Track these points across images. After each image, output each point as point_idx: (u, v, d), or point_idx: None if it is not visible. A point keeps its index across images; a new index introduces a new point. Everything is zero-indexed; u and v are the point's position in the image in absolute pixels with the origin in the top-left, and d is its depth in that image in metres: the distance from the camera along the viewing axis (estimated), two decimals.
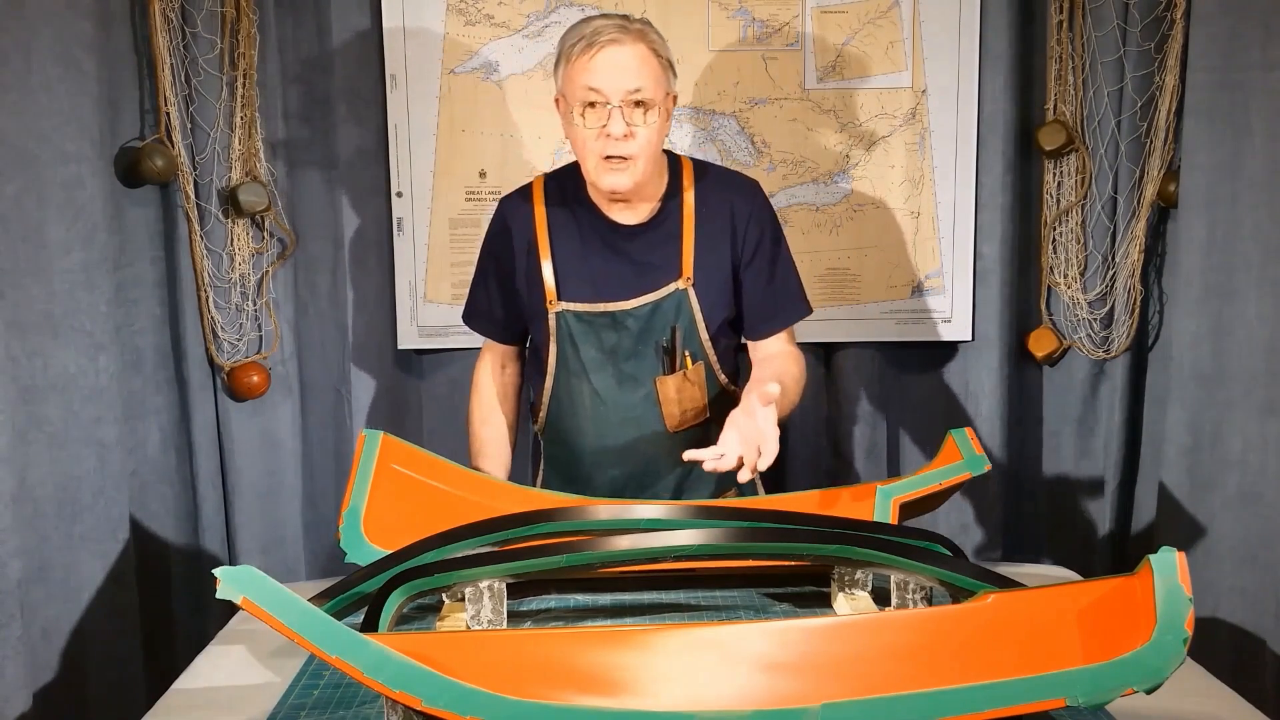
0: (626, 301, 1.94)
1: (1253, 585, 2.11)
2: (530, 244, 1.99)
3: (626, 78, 1.81)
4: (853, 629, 1.24)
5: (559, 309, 1.97)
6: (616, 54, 1.81)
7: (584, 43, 1.82)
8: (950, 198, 2.51)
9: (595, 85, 1.81)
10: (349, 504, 1.70)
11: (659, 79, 1.85)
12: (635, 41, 1.82)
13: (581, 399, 1.99)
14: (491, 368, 2.14)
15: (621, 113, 1.81)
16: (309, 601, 1.22)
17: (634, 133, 1.83)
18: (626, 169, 1.85)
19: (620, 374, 1.97)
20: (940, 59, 2.47)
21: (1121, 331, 2.45)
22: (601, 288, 1.95)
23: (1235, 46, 2.10)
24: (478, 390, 2.15)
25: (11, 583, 1.78)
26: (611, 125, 1.82)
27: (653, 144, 1.86)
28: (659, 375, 1.95)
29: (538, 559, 1.48)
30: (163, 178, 2.29)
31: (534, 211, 2.00)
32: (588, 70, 1.82)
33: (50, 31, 1.94)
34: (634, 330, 1.95)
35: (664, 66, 1.86)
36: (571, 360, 1.98)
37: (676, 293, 1.94)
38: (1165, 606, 1.10)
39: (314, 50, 2.45)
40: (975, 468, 1.78)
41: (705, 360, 1.97)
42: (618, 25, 1.83)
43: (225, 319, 2.42)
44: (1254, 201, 2.09)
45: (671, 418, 1.96)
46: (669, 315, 1.94)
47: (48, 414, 1.94)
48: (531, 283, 1.99)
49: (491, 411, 2.13)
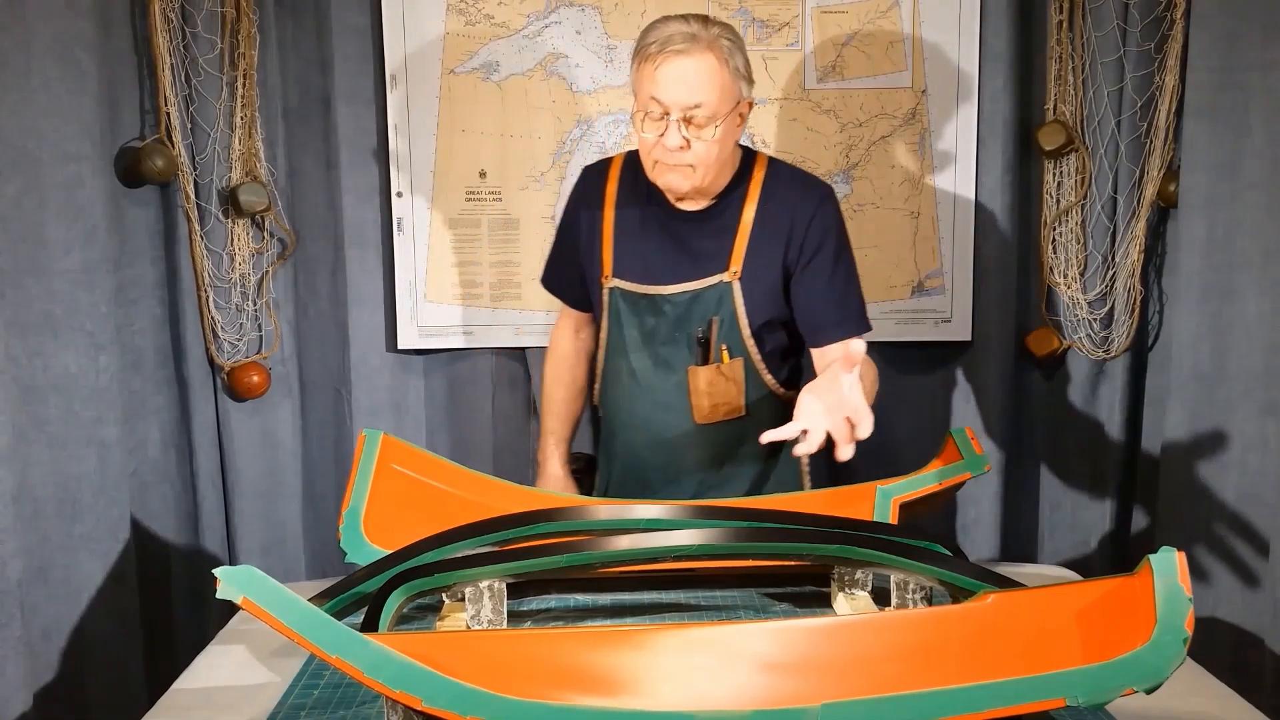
0: (668, 286, 1.94)
1: (1252, 585, 2.11)
2: (596, 217, 2.01)
3: (688, 92, 1.79)
4: (853, 629, 1.24)
5: (611, 285, 1.99)
6: (681, 66, 1.79)
7: (655, 46, 1.80)
8: (950, 198, 2.51)
9: (656, 95, 1.81)
10: (349, 504, 1.70)
11: (725, 92, 1.81)
12: (704, 53, 1.79)
13: (620, 376, 2.01)
14: (566, 331, 2.18)
15: (680, 126, 1.80)
16: (309, 601, 1.22)
17: (691, 145, 1.81)
18: (684, 173, 1.85)
19: (656, 357, 1.97)
20: (940, 59, 2.47)
21: (1121, 331, 2.45)
22: (650, 269, 1.96)
23: (1235, 46, 2.10)
24: (552, 350, 2.20)
25: (12, 583, 1.79)
26: (668, 137, 1.81)
27: (712, 154, 1.83)
28: (692, 365, 1.95)
29: (538, 559, 1.48)
30: (163, 178, 2.30)
31: (606, 187, 2.02)
32: (653, 79, 1.81)
33: (50, 31, 1.95)
34: (671, 316, 1.95)
35: (735, 77, 1.83)
36: (615, 337, 2.01)
37: (720, 285, 1.93)
38: (1165, 606, 1.10)
39: (314, 50, 2.45)
40: (975, 468, 1.78)
41: (746, 358, 1.95)
42: (689, 35, 1.79)
43: (225, 319, 2.42)
44: (1254, 201, 2.10)
45: (700, 410, 1.95)
46: (709, 306, 1.93)
47: (48, 414, 1.94)
48: (592, 256, 2.02)
49: (564, 371, 2.17)
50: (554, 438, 2.16)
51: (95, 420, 2.03)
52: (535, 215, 2.52)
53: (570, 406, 2.17)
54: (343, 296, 2.51)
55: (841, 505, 1.76)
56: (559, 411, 2.16)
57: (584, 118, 2.49)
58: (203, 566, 2.41)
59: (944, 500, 1.86)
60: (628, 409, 2.02)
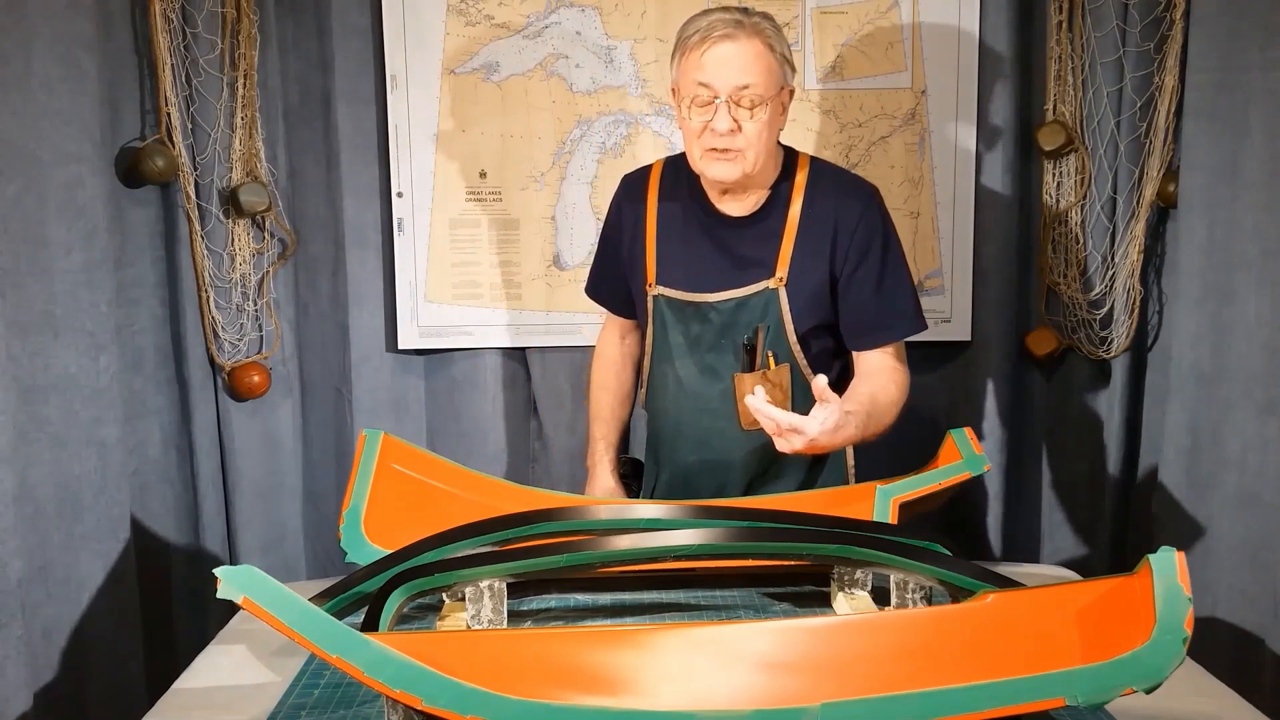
0: (714, 294, 1.94)
1: (1252, 585, 2.11)
2: (639, 225, 2.02)
3: (736, 73, 1.80)
4: (853, 629, 1.25)
5: (656, 293, 1.99)
6: (728, 48, 1.80)
7: (699, 35, 1.82)
8: (950, 198, 2.51)
9: (705, 80, 1.81)
10: (349, 504, 1.70)
11: (772, 75, 1.83)
12: (750, 37, 1.81)
13: (666, 382, 2.01)
14: (612, 337, 2.19)
15: (729, 107, 1.81)
16: (309, 601, 1.23)
17: (741, 127, 1.82)
18: (735, 159, 1.85)
19: (702, 364, 1.97)
20: (940, 59, 2.48)
21: (1121, 331, 2.45)
22: (695, 277, 1.96)
23: (1235, 46, 2.10)
24: (599, 356, 2.21)
25: (12, 582, 1.79)
26: (717, 120, 1.82)
27: (762, 138, 1.84)
28: (737, 371, 1.94)
29: (538, 559, 1.48)
30: (163, 178, 2.30)
31: (647, 194, 2.02)
32: (699, 65, 1.82)
33: (50, 31, 1.95)
34: (716, 324, 1.94)
35: (780, 62, 1.84)
36: (661, 344, 2.01)
37: (766, 292, 1.92)
38: (1165, 606, 1.10)
39: (314, 50, 2.45)
40: (975, 468, 1.78)
41: (793, 362, 1.94)
42: (733, 21, 1.81)
43: (226, 319, 2.42)
44: (1253, 201, 2.09)
45: (746, 416, 1.93)
46: (755, 313, 1.92)
47: (48, 414, 1.94)
48: (635, 263, 2.02)
49: (610, 378, 2.18)
50: (603, 444, 2.17)
51: (95, 420, 2.03)
52: (535, 215, 2.52)
53: (617, 412, 2.18)
54: (343, 296, 2.51)
55: (841, 505, 1.77)
56: (606, 417, 2.17)
57: (584, 118, 2.49)
58: (203, 566, 2.41)
59: (944, 500, 1.86)
60: (674, 416, 2.02)
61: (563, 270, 2.52)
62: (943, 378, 2.58)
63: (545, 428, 2.58)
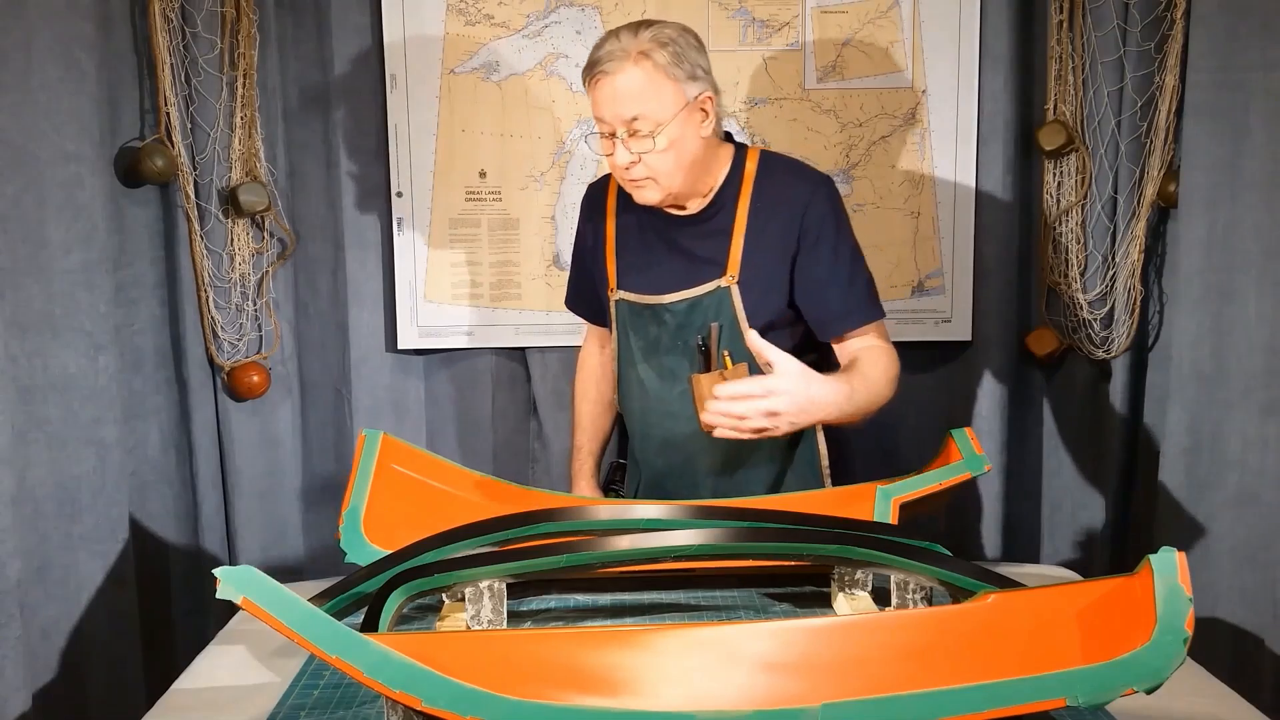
0: (668, 295, 1.94)
1: (1252, 585, 2.11)
2: (600, 232, 2.03)
3: (623, 106, 1.79)
4: (853, 629, 1.24)
5: (617, 297, 2.00)
6: (610, 86, 1.80)
7: (588, 71, 1.82)
8: (950, 198, 2.51)
9: (598, 115, 1.84)
10: (349, 504, 1.70)
11: (665, 97, 1.79)
12: (636, 64, 1.78)
13: (632, 387, 2.02)
14: (592, 347, 2.21)
15: (625, 142, 1.81)
16: (309, 601, 1.22)
17: (641, 158, 1.81)
18: (649, 187, 1.86)
19: (660, 367, 1.97)
20: (940, 59, 2.48)
21: (1121, 331, 2.45)
22: (652, 279, 1.96)
23: (1235, 46, 2.10)
24: (580, 366, 2.24)
25: (11, 583, 1.78)
26: (616, 155, 1.83)
27: (669, 163, 1.83)
28: (694, 373, 1.92)
29: (538, 559, 1.48)
30: (163, 178, 2.30)
31: (607, 201, 2.04)
32: (593, 101, 1.84)
33: (50, 31, 1.94)
34: (672, 325, 1.94)
35: (673, 78, 1.80)
36: (625, 348, 2.02)
37: (718, 290, 1.91)
38: (1165, 606, 1.10)
39: (314, 50, 2.45)
40: (975, 468, 1.78)
41: (751, 362, 1.89)
42: (619, 51, 1.78)
43: (225, 319, 2.42)
44: (1254, 201, 2.09)
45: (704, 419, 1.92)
46: (709, 313, 1.91)
47: (48, 414, 1.94)
48: (599, 269, 2.04)
49: (590, 387, 2.21)
50: (584, 451, 2.19)
51: (95, 420, 2.03)
52: (535, 215, 2.52)
53: (598, 421, 2.20)
54: (343, 296, 2.51)
55: (841, 505, 1.76)
56: (587, 425, 2.20)
57: (584, 118, 2.49)
58: (203, 566, 2.42)
59: (944, 500, 1.86)
60: (642, 418, 2.03)
61: (562, 270, 2.52)
62: (943, 378, 2.58)
63: (545, 428, 2.58)
